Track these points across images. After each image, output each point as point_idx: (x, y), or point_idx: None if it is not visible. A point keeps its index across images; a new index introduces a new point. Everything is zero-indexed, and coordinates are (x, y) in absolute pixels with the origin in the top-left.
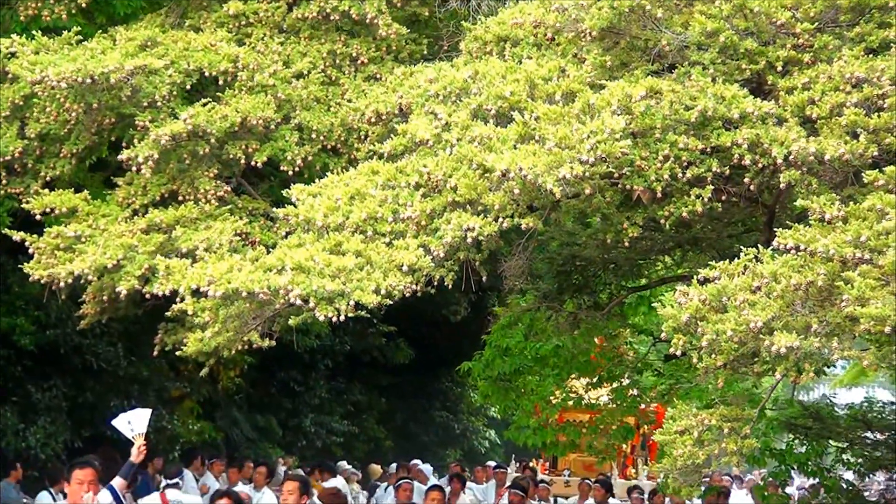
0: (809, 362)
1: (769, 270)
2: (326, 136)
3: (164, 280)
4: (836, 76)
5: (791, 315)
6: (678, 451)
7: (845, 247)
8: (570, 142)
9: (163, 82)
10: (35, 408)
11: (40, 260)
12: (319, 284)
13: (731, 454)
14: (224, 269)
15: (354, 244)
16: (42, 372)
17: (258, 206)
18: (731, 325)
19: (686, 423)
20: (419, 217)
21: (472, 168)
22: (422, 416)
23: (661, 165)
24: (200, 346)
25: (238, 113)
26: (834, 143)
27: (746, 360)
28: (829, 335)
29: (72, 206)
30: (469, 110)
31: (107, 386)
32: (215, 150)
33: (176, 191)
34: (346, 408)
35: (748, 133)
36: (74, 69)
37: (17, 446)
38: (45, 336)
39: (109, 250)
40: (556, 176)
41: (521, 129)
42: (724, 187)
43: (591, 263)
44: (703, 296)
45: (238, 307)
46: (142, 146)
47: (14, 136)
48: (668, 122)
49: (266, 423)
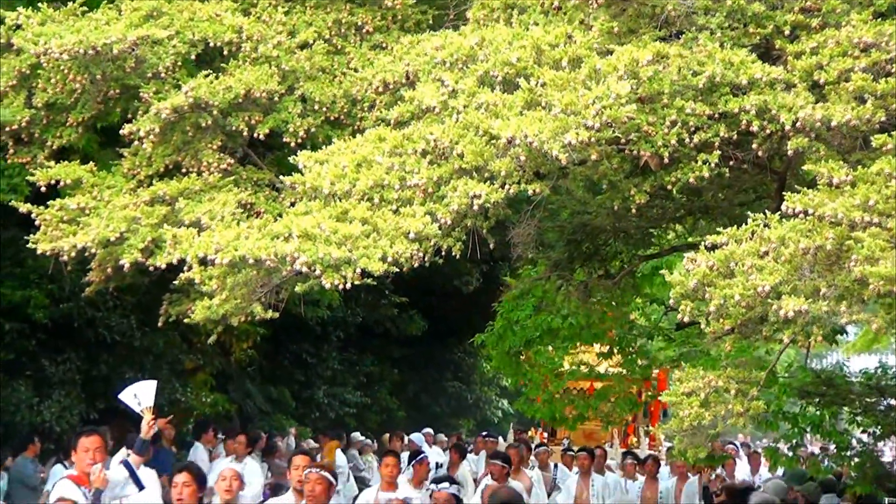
0: (818, 326)
1: (777, 235)
2: (330, 108)
3: (171, 249)
4: (844, 41)
5: (799, 279)
6: (685, 413)
7: (854, 211)
8: (576, 107)
9: (167, 53)
10: (49, 381)
11: (46, 232)
12: (325, 251)
13: (737, 415)
14: (231, 236)
15: (361, 211)
16: (56, 345)
17: (263, 176)
18: (739, 290)
19: (693, 384)
20: (426, 184)
21: (478, 135)
22: (434, 386)
23: (668, 131)
24: (208, 314)
25: (242, 84)
26: (841, 108)
27: (754, 324)
28: (837, 299)
29: (76, 177)
30: (476, 77)
31: (120, 359)
32: (219, 122)
33: (180, 162)
34: (359, 379)
35: (756, 99)
36: (77, 41)
37: (32, 420)
38: (59, 309)
39: (113, 223)
40: (561, 142)
41: (528, 96)
42: (733, 153)
43: (601, 232)
44: (710, 262)
45: (245, 275)
46: (143, 119)
47: (21, 106)
48: (675, 87)
49: (279, 394)
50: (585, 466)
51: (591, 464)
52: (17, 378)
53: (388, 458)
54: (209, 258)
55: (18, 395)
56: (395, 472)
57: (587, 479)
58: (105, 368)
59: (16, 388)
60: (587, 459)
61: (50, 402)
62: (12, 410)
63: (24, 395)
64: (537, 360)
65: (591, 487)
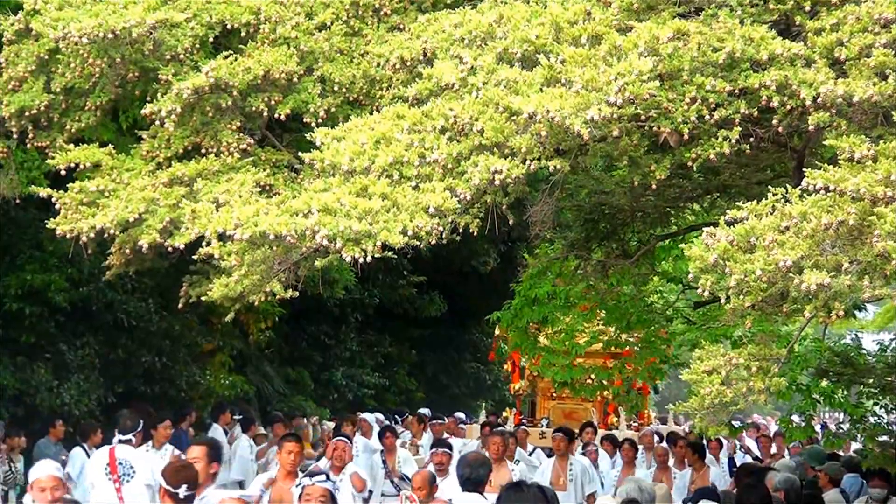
0: (839, 301)
1: (798, 210)
2: (349, 88)
3: (190, 224)
4: (865, 17)
5: (821, 254)
6: (706, 390)
7: (876, 186)
8: (598, 84)
9: (185, 35)
10: (68, 365)
11: (66, 215)
12: (346, 225)
13: (758, 392)
14: (251, 212)
15: (381, 187)
16: (74, 329)
17: (282, 157)
18: (760, 265)
19: (714, 362)
20: (445, 160)
21: (498, 111)
22: (452, 367)
23: (688, 107)
24: (226, 292)
25: (261, 65)
26: (863, 84)
27: (775, 300)
28: (859, 274)
29: (95, 160)
30: (494, 54)
31: (139, 342)
32: (238, 103)
33: (199, 143)
34: (377, 360)
35: (776, 75)
36: (96, 24)
37: (52, 403)
38: (78, 293)
39: (132, 204)
40: (583, 118)
41: (547, 73)
42: (753, 130)
43: (619, 211)
44: (730, 237)
45: (263, 252)
46: (164, 100)
47: (40, 90)
48: (695, 63)
49: (297, 376)
50: (562, 448)
51: (567, 445)
52: (36, 361)
53: (289, 444)
54: (228, 233)
55: (38, 378)
56: (297, 460)
57: (564, 463)
58: (123, 352)
59: (35, 371)
60: (563, 441)
61: (69, 384)
62: (32, 393)
63: (44, 378)
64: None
65: (569, 471)
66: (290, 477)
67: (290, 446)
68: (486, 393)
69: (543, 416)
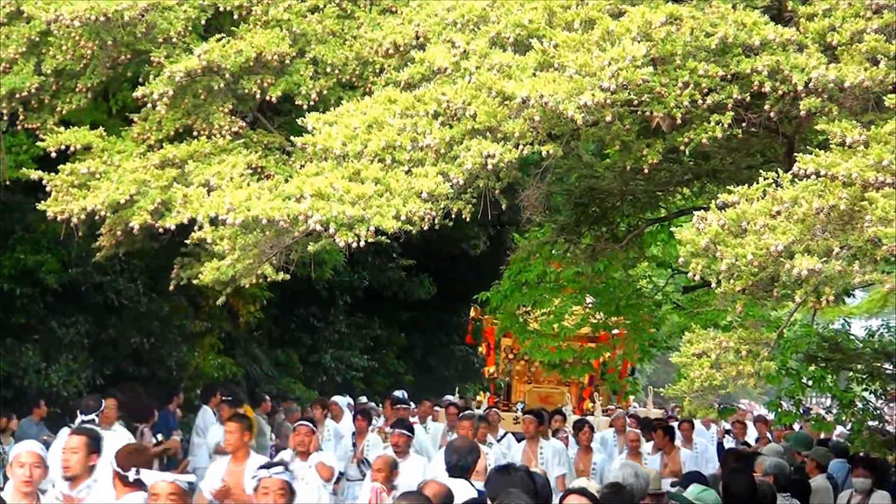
0: (830, 286)
1: (789, 195)
2: (341, 70)
3: (181, 208)
4: (857, 2)
5: (812, 239)
6: (695, 374)
7: (867, 171)
8: (591, 69)
9: (177, 18)
10: (57, 345)
11: (57, 198)
12: (339, 210)
13: (748, 376)
14: (243, 196)
15: (373, 172)
16: (64, 310)
17: (273, 139)
18: (751, 249)
19: (704, 346)
20: (438, 145)
21: (491, 96)
22: (441, 350)
23: (680, 92)
24: (218, 276)
25: (253, 48)
26: (854, 69)
27: (765, 285)
28: (850, 259)
29: (86, 142)
30: (487, 38)
31: (128, 323)
32: (230, 85)
33: (191, 126)
34: (366, 343)
35: (768, 60)
36: (88, 7)
37: (40, 384)
38: (68, 274)
39: (122, 185)
40: (577, 103)
41: (540, 57)
42: (744, 115)
43: (609, 196)
44: (721, 220)
45: (256, 236)
46: (157, 82)
47: (31, 72)
48: (688, 48)
49: (286, 358)
50: (532, 431)
51: (537, 428)
52: (24, 342)
53: (232, 424)
54: (220, 218)
55: (26, 360)
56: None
57: (535, 446)
58: (112, 332)
59: (23, 353)
60: (533, 423)
61: (58, 365)
62: (20, 375)
63: (32, 359)
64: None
65: (540, 454)
66: (239, 457)
67: (231, 426)
68: (474, 376)
69: (519, 400)
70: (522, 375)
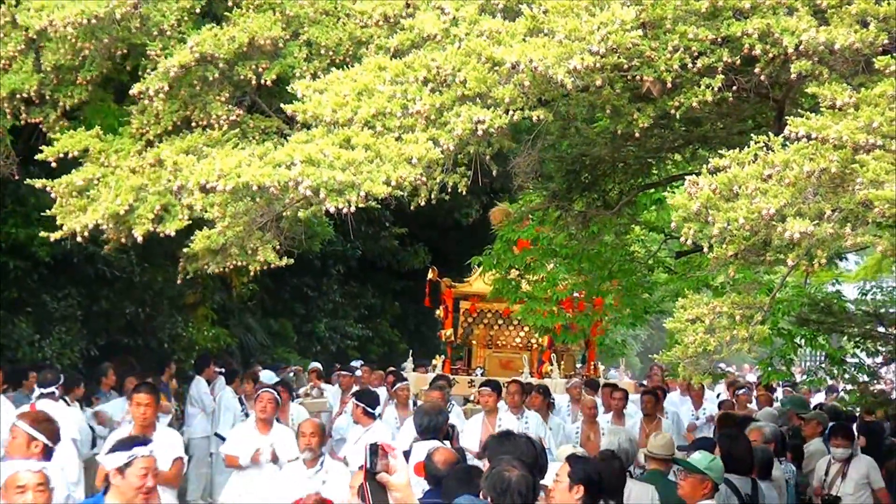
0: (822, 249)
1: (780, 159)
2: (335, 51)
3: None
4: None
5: (803, 202)
6: (689, 339)
7: (858, 133)
8: (580, 33)
9: (171, 10)
10: (50, 318)
11: (62, 204)
12: (330, 175)
13: (741, 340)
14: (233, 163)
15: (364, 138)
16: (56, 282)
17: (270, 124)
18: (743, 213)
19: (698, 311)
20: (428, 111)
21: (480, 62)
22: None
23: (670, 56)
24: (208, 244)
25: (245, 33)
26: (844, 31)
27: (758, 248)
28: (842, 221)
29: (83, 146)
30: (477, 5)
31: (121, 294)
32: (226, 73)
33: (189, 117)
34: (360, 312)
35: (759, 23)
36: (78, 12)
37: (34, 357)
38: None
39: (121, 195)
40: (566, 67)
41: (530, 23)
42: (735, 79)
43: (600, 162)
44: (713, 185)
45: (246, 203)
46: (152, 78)
47: (31, 71)
48: (678, 12)
49: (280, 328)
50: (490, 405)
51: (497, 400)
52: (17, 315)
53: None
54: (210, 185)
55: (19, 332)
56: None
57: (493, 419)
58: (105, 304)
59: (16, 325)
60: (492, 396)
61: (51, 339)
62: (13, 347)
63: (25, 332)
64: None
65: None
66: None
67: (139, 398)
68: None
69: (478, 365)
70: (482, 340)
